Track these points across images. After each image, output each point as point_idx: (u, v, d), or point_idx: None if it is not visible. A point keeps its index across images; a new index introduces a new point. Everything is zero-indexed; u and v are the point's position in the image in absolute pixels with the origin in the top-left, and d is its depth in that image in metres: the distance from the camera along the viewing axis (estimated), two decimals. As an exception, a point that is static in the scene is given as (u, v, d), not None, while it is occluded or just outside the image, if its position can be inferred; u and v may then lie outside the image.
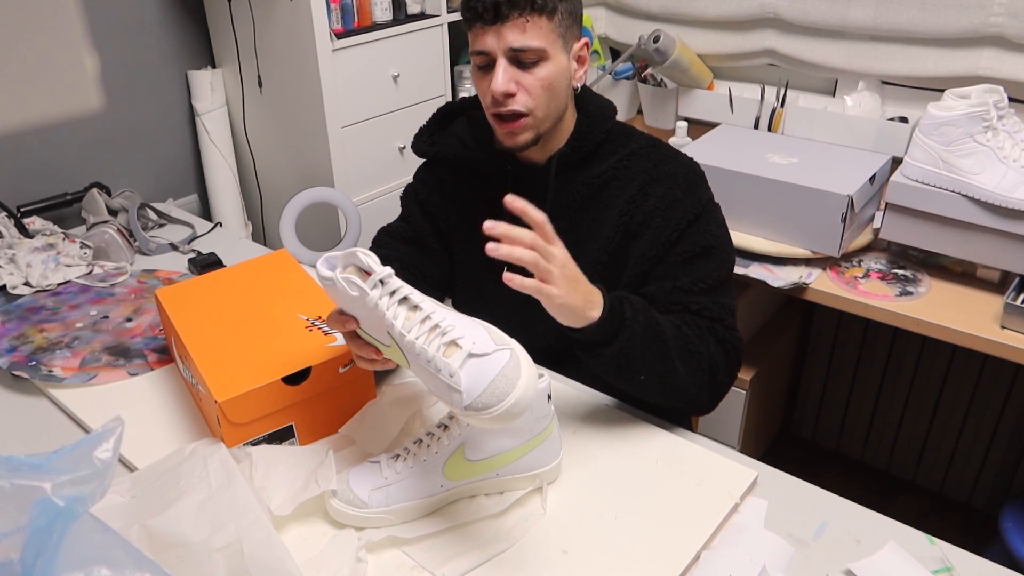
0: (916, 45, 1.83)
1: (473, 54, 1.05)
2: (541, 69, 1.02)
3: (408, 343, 0.78)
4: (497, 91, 1.01)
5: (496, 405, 0.73)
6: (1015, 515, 1.56)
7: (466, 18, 1.03)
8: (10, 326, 1.27)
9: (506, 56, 1.01)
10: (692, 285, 1.06)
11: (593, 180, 1.12)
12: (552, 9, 1.00)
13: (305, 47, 1.77)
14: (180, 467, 0.89)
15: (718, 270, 1.07)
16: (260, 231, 2.20)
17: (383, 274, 0.80)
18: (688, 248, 1.07)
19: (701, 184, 1.12)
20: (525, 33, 1.00)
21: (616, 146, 1.13)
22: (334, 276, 0.81)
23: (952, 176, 1.45)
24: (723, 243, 1.10)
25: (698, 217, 1.08)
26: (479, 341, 0.77)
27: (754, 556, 0.83)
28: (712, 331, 1.04)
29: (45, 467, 0.59)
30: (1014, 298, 1.39)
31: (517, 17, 0.99)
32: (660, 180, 1.10)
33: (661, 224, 1.08)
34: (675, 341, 0.99)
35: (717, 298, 1.06)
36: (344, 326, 0.87)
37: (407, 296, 0.81)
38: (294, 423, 0.99)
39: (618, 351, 0.94)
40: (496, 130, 1.08)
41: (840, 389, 2.20)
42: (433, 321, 0.78)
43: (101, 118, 1.84)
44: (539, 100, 1.03)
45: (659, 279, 1.08)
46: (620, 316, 0.94)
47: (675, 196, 1.09)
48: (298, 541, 0.87)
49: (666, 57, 2.04)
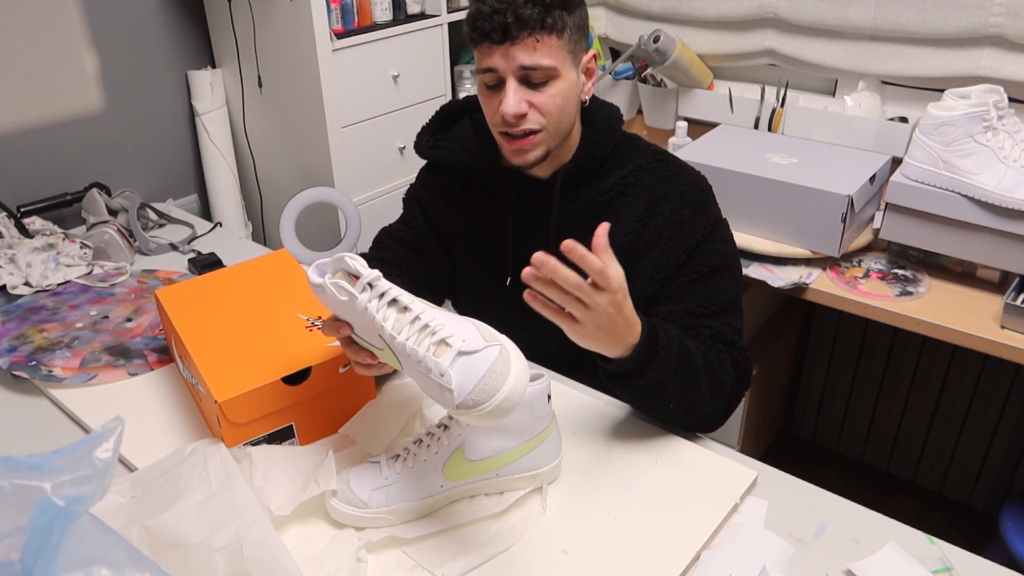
0: (916, 45, 1.83)
1: (480, 71, 1.02)
2: (552, 87, 1.00)
3: (399, 344, 0.78)
4: (508, 114, 0.99)
5: (486, 401, 0.73)
6: (1015, 515, 1.56)
7: (472, 37, 1.00)
8: (10, 326, 1.27)
9: (516, 76, 0.99)
10: (703, 308, 1.05)
11: (598, 197, 1.10)
12: (562, 27, 0.98)
13: (305, 47, 1.77)
14: (180, 467, 0.89)
15: (727, 290, 1.07)
16: (260, 231, 2.20)
17: (371, 277, 0.80)
18: (697, 269, 1.06)
19: (708, 202, 1.10)
20: (535, 52, 0.97)
21: (622, 160, 1.11)
22: (323, 282, 0.81)
23: (952, 176, 1.45)
24: (731, 261, 1.09)
25: (706, 237, 1.07)
26: (469, 338, 0.76)
27: (754, 556, 0.83)
28: (730, 356, 1.04)
29: (45, 467, 0.59)
30: (1014, 298, 1.39)
31: (527, 37, 0.96)
32: (667, 199, 1.08)
33: (668, 245, 1.07)
34: (704, 369, 0.98)
35: (728, 319, 1.06)
36: (339, 332, 0.86)
37: (396, 298, 0.81)
38: (294, 423, 0.99)
39: (651, 381, 0.93)
40: (504, 147, 1.06)
41: (840, 389, 2.20)
42: (423, 321, 0.78)
43: (101, 118, 1.84)
44: (551, 118, 1.02)
45: (668, 301, 1.07)
46: (655, 344, 0.92)
47: (682, 216, 1.07)
48: (298, 541, 0.87)
49: (666, 57, 2.04)
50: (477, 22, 0.98)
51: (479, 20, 0.98)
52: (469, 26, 1.00)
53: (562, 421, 1.02)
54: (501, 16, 0.96)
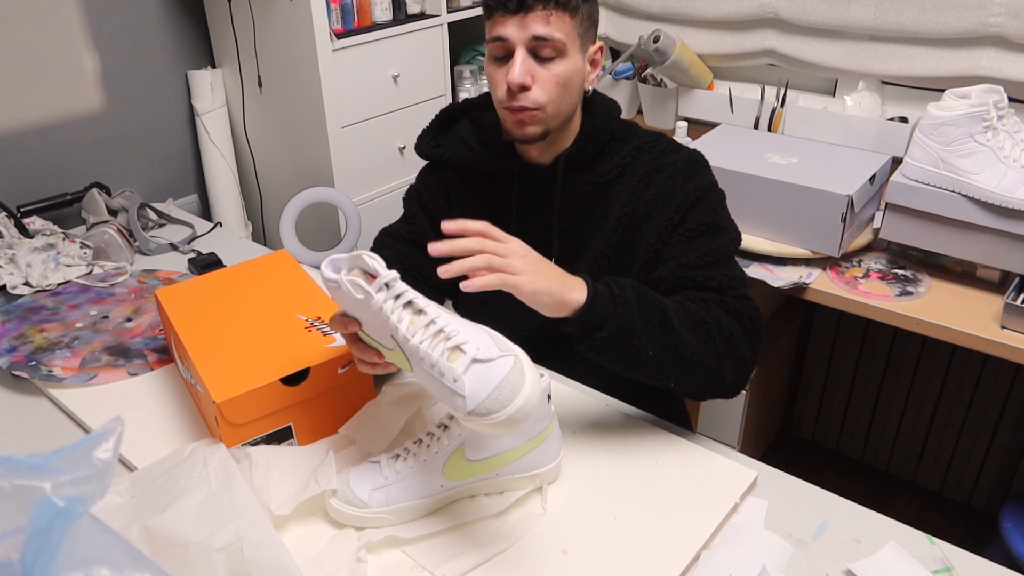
0: (916, 45, 1.83)
1: (490, 41, 1.04)
2: (557, 65, 1.02)
3: (412, 347, 0.78)
4: (514, 82, 1.01)
5: (500, 411, 0.73)
6: (1015, 515, 1.56)
7: (488, 5, 1.03)
8: (10, 326, 1.27)
9: (526, 47, 1.01)
10: (697, 260, 1.03)
11: (599, 179, 1.12)
12: (575, 7, 1.01)
13: (305, 47, 1.77)
14: (179, 467, 0.89)
15: (725, 246, 1.05)
16: (260, 231, 2.20)
17: (388, 277, 0.80)
18: (692, 227, 1.06)
19: (702, 171, 1.11)
20: (548, 24, 1.00)
21: (621, 144, 1.13)
22: (339, 279, 0.81)
23: (952, 176, 1.45)
24: (727, 223, 1.09)
25: (700, 199, 1.07)
26: (483, 347, 0.77)
27: (754, 556, 0.83)
28: (720, 303, 1.00)
29: (45, 467, 0.59)
30: (1014, 298, 1.39)
31: (541, 9, 0.99)
32: (661, 170, 1.10)
33: (663, 210, 1.08)
34: (676, 312, 0.95)
35: (725, 270, 1.03)
36: (346, 328, 0.86)
37: (412, 300, 0.81)
38: (293, 424, 0.99)
39: (616, 328, 0.90)
40: (505, 119, 1.08)
41: (840, 389, 2.20)
42: (438, 326, 0.78)
43: (101, 118, 1.84)
44: (552, 96, 1.03)
45: (666, 260, 1.07)
46: (609, 294, 0.91)
47: (675, 183, 1.08)
48: (298, 541, 0.87)
49: (666, 57, 2.04)
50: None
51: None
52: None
53: (562, 421, 1.02)
54: None
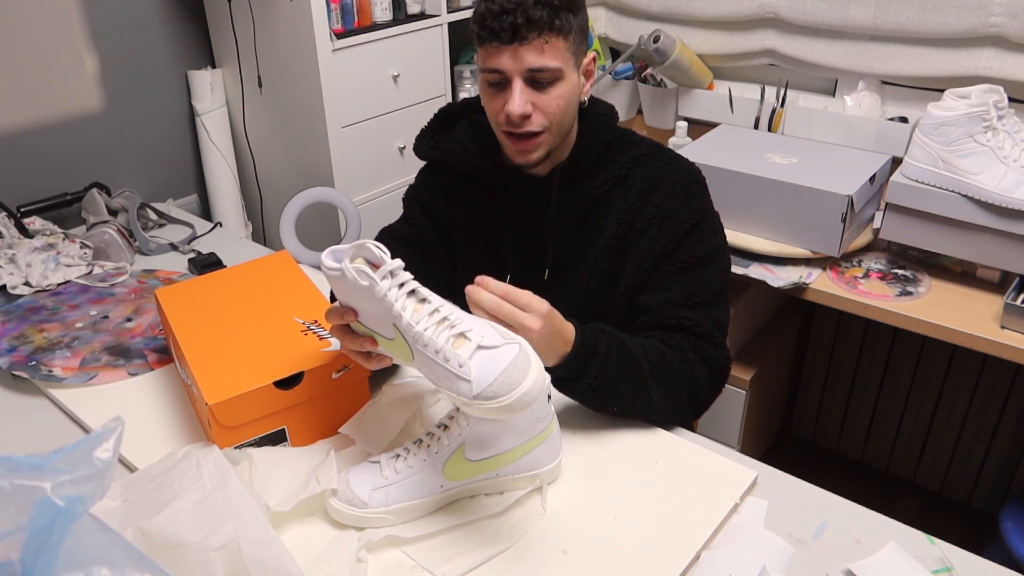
0: (916, 45, 1.83)
1: (484, 71, 1.03)
2: (556, 89, 1.01)
3: (416, 334, 0.78)
4: (514, 114, 1.00)
5: (507, 394, 0.74)
6: (1015, 515, 1.56)
7: (480, 36, 1.00)
8: (10, 326, 1.27)
9: (523, 77, 1.00)
10: (686, 299, 1.06)
11: (594, 191, 1.11)
12: (568, 29, 0.99)
13: (305, 47, 1.77)
14: (173, 470, 0.88)
15: (712, 283, 1.08)
16: (260, 231, 2.20)
17: (393, 266, 0.81)
18: (684, 259, 1.07)
19: (700, 192, 1.11)
20: (543, 55, 0.98)
21: (617, 154, 1.12)
22: (344, 266, 0.81)
23: (952, 176, 1.45)
24: (719, 253, 1.10)
25: (695, 227, 1.08)
26: (487, 335, 0.78)
27: (754, 556, 0.83)
28: (699, 351, 1.04)
29: (45, 467, 0.59)
30: (1014, 298, 1.39)
31: (536, 38, 0.97)
32: (659, 188, 1.09)
33: (658, 233, 1.08)
34: (652, 369, 0.99)
35: (710, 312, 1.07)
36: (343, 318, 0.86)
37: (415, 289, 0.81)
38: (286, 427, 0.99)
39: (587, 386, 0.96)
40: (507, 147, 1.07)
41: (840, 389, 2.20)
42: (442, 314, 0.79)
43: (101, 118, 1.84)
44: (554, 119, 1.03)
45: (653, 289, 1.08)
46: (592, 350, 0.95)
47: (673, 205, 1.08)
48: (298, 541, 0.87)
49: (666, 57, 2.04)
50: (486, 21, 0.98)
51: (488, 19, 0.98)
52: (477, 24, 1.00)
53: (562, 421, 1.02)
54: (511, 16, 0.96)
